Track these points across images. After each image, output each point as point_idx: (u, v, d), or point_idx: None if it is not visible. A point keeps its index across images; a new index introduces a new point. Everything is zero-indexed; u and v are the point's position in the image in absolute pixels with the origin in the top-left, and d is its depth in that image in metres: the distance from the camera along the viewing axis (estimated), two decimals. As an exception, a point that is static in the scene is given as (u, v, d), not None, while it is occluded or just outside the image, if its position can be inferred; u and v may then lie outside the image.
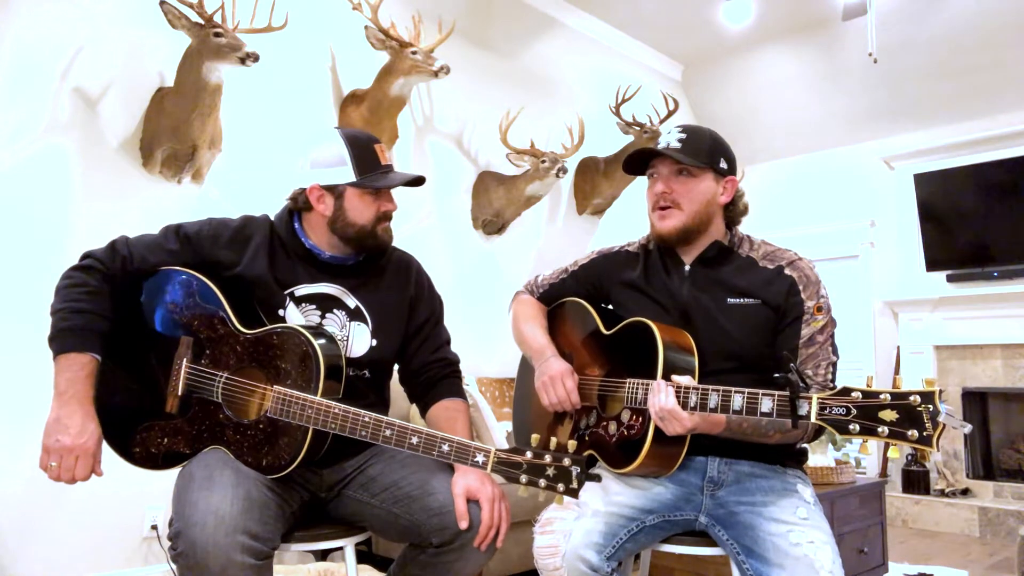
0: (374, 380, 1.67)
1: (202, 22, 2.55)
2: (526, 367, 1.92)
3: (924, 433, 1.15)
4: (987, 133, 4.46)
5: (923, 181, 4.67)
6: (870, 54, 3.84)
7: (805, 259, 1.63)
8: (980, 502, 4.25)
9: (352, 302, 1.64)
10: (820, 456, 3.11)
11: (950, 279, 4.57)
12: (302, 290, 1.62)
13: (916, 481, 4.51)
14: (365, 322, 1.65)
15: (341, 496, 1.61)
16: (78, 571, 2.53)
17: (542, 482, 1.31)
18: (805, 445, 1.66)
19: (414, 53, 3.11)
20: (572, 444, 1.34)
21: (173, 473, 1.52)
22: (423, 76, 3.15)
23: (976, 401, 4.57)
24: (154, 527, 2.69)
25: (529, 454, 1.33)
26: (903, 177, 4.81)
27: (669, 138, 1.63)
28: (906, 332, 4.74)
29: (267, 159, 3.07)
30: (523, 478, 1.32)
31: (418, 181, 1.66)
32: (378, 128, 3.32)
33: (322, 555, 2.84)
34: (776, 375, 1.29)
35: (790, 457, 1.61)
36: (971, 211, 4.50)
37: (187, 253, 1.59)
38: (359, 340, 1.63)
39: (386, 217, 1.63)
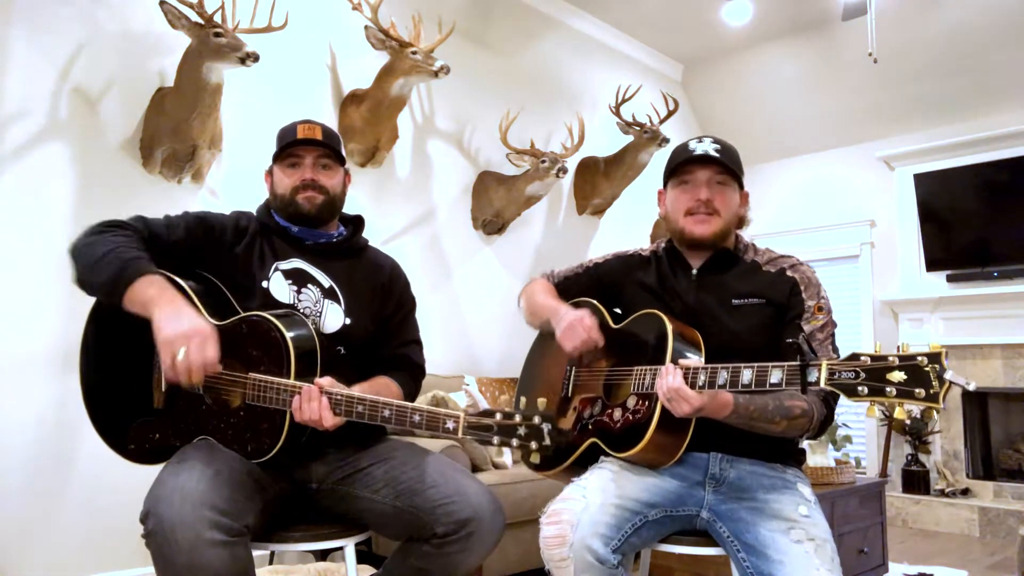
0: (350, 356, 1.69)
1: (202, 22, 2.55)
2: (534, 361, 1.94)
3: (931, 391, 1.17)
4: (987, 133, 4.46)
5: (923, 181, 4.67)
6: (870, 54, 3.84)
7: (806, 264, 1.69)
8: (980, 502, 4.25)
9: (326, 282, 1.70)
10: (820, 456, 3.11)
11: (950, 279, 4.57)
12: (282, 265, 1.69)
13: (916, 481, 4.51)
14: (338, 301, 1.70)
15: (337, 491, 1.62)
16: (78, 571, 2.53)
17: (514, 441, 1.34)
18: (805, 445, 1.68)
19: (414, 53, 3.11)
20: (542, 402, 1.38)
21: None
22: (423, 76, 3.15)
23: (976, 401, 4.57)
24: (154, 527, 2.68)
25: (499, 415, 1.36)
26: (903, 177, 4.81)
27: (705, 147, 1.65)
28: (906, 332, 4.74)
29: (267, 159, 3.05)
30: (495, 439, 1.35)
31: (334, 150, 1.72)
32: (378, 128, 3.32)
33: (322, 555, 2.84)
34: (788, 340, 1.32)
35: (790, 456, 1.63)
36: (971, 211, 4.51)
37: (202, 231, 1.65)
38: (332, 316, 1.68)
39: (304, 186, 1.69)
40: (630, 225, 4.70)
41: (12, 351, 2.46)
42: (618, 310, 1.81)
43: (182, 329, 1.37)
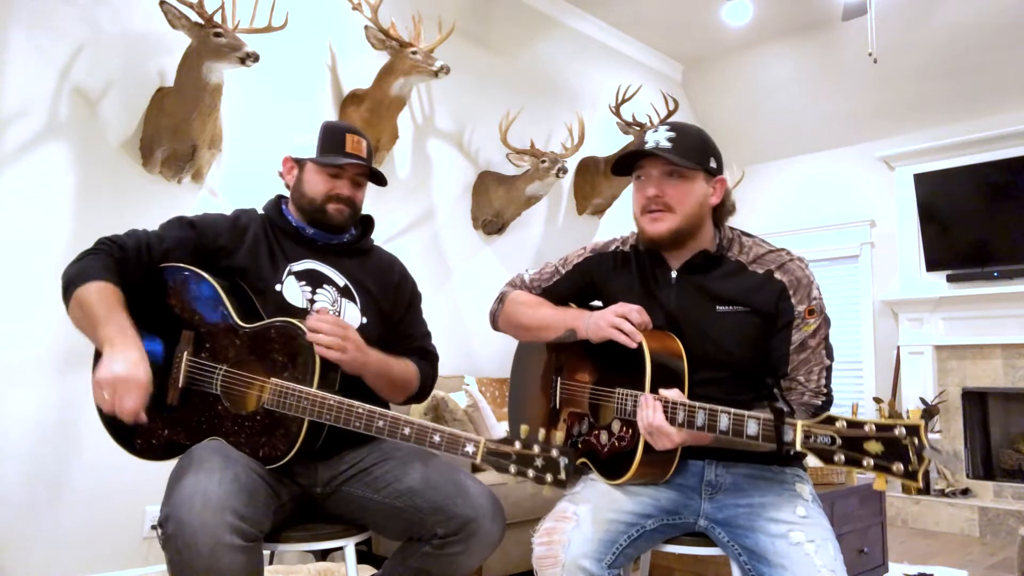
0: None
1: (202, 22, 2.55)
2: (520, 371, 1.90)
3: (909, 468, 1.13)
4: (987, 133, 4.46)
5: (923, 181, 4.67)
6: (870, 54, 3.84)
7: (797, 259, 1.58)
8: (980, 502, 4.25)
9: (341, 281, 1.72)
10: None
11: (950, 279, 4.57)
12: (295, 267, 1.69)
13: (916, 481, 4.50)
14: (354, 300, 1.71)
15: (340, 492, 1.62)
16: (77, 571, 2.53)
17: (530, 472, 1.34)
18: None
19: (414, 53, 3.11)
20: (560, 436, 1.37)
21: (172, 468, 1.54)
22: (423, 76, 3.15)
23: (976, 401, 4.57)
24: (154, 527, 2.68)
25: (518, 445, 1.36)
26: (903, 177, 4.81)
27: (658, 137, 1.55)
28: (906, 332, 4.74)
29: (267, 159, 3.06)
30: (512, 468, 1.35)
31: (373, 173, 1.73)
32: (378, 128, 3.32)
33: (322, 555, 2.84)
34: (768, 404, 1.28)
35: (788, 456, 1.60)
36: (971, 211, 4.50)
37: (194, 237, 1.64)
38: (350, 316, 1.69)
39: (338, 199, 1.70)
40: (630, 225, 4.67)
41: (12, 351, 2.46)
42: (599, 303, 1.74)
43: (116, 373, 1.38)
